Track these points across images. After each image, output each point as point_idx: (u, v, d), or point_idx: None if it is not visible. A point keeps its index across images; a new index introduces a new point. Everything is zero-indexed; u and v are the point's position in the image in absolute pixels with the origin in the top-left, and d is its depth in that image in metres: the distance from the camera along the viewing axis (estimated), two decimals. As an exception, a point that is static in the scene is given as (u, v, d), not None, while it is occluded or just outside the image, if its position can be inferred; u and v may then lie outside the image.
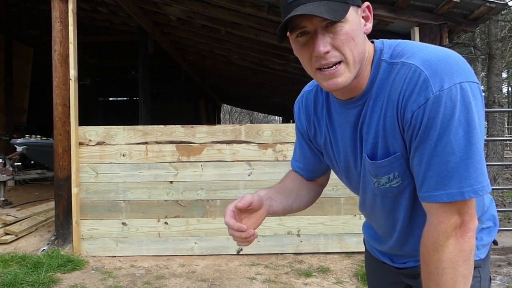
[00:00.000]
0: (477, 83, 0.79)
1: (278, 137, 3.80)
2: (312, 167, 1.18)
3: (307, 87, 1.13)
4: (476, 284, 0.83)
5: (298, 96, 1.15)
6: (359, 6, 0.87)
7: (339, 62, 0.84)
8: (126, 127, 3.85)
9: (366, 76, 0.90)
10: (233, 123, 28.81)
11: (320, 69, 0.85)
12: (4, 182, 5.62)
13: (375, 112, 0.90)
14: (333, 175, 1.19)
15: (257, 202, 0.93)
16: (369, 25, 0.90)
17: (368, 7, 0.90)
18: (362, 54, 0.86)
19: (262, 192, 1.01)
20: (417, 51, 0.84)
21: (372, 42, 0.93)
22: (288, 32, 0.88)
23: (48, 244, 3.82)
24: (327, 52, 0.82)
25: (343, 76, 0.84)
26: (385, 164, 0.90)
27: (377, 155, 0.91)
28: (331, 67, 0.84)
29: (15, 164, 5.97)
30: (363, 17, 0.88)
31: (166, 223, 3.81)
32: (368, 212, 1.07)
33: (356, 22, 0.84)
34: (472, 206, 0.80)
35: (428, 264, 0.82)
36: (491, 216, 1.03)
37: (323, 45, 0.81)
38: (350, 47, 0.83)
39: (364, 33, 0.88)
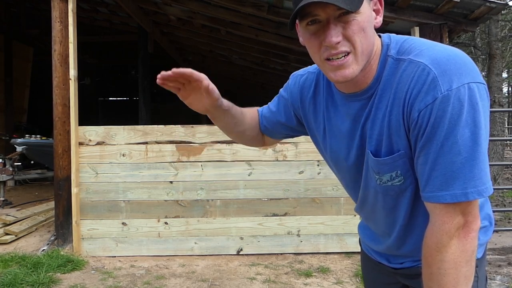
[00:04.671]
0: (483, 83, 0.79)
1: (278, 137, 3.80)
2: (273, 129, 1.22)
3: (310, 68, 1.11)
4: (473, 283, 0.83)
5: (299, 72, 1.14)
6: None
7: (348, 53, 0.83)
8: (126, 127, 3.85)
9: (372, 71, 0.89)
10: (233, 123, 28.69)
11: (328, 59, 0.85)
12: (4, 182, 5.62)
13: (380, 109, 0.89)
14: (331, 176, 1.19)
15: (200, 81, 0.92)
16: (380, 19, 0.89)
17: (379, 0, 0.89)
18: (371, 47, 0.86)
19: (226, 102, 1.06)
20: (425, 49, 0.83)
21: (380, 36, 0.93)
22: (297, 20, 0.86)
23: (48, 244, 3.82)
24: (338, 43, 0.81)
25: (351, 68, 0.84)
26: (388, 162, 0.89)
27: (380, 152, 0.91)
28: (340, 57, 0.83)
29: (15, 164, 5.97)
30: (374, 10, 0.88)
31: (166, 223, 3.81)
32: (369, 210, 1.06)
33: (369, 14, 0.84)
34: (475, 207, 0.80)
35: (431, 264, 0.82)
36: (486, 215, 1.02)
37: (335, 35, 0.81)
38: (360, 38, 0.82)
39: (374, 26, 0.87)
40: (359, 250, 1.26)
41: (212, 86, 0.95)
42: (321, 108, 1.05)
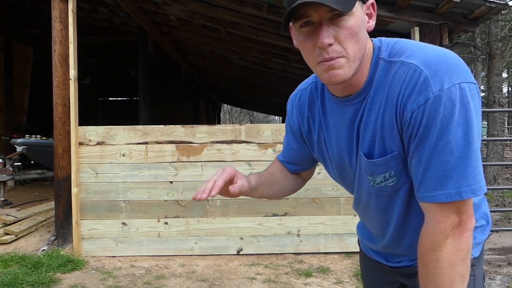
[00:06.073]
0: (475, 83, 0.79)
1: (278, 137, 3.80)
2: (297, 163, 1.23)
3: (301, 85, 1.13)
4: (470, 282, 0.84)
5: (292, 93, 1.15)
6: (364, 2, 0.87)
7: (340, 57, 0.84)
8: (126, 127, 3.85)
9: (364, 74, 0.90)
10: (233, 123, 28.80)
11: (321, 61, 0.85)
12: (4, 182, 5.62)
13: (373, 111, 0.89)
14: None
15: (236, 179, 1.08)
16: (372, 23, 0.90)
17: (372, 4, 0.90)
18: (363, 50, 0.86)
19: (252, 177, 1.11)
20: (416, 50, 0.84)
21: (371, 40, 0.93)
22: (291, 22, 0.87)
23: (48, 244, 3.82)
24: (330, 45, 0.82)
25: (343, 69, 0.84)
26: (381, 163, 0.90)
27: (373, 154, 0.91)
28: (333, 57, 0.84)
29: (15, 164, 5.97)
30: (367, 14, 0.88)
31: (166, 223, 3.81)
32: (362, 210, 1.08)
33: (361, 17, 0.85)
34: (470, 206, 0.81)
35: (426, 264, 0.83)
36: (483, 214, 1.03)
37: (327, 36, 0.81)
38: (352, 43, 0.83)
39: (367, 30, 0.88)
40: (359, 250, 1.26)
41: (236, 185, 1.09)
42: (317, 119, 1.06)
